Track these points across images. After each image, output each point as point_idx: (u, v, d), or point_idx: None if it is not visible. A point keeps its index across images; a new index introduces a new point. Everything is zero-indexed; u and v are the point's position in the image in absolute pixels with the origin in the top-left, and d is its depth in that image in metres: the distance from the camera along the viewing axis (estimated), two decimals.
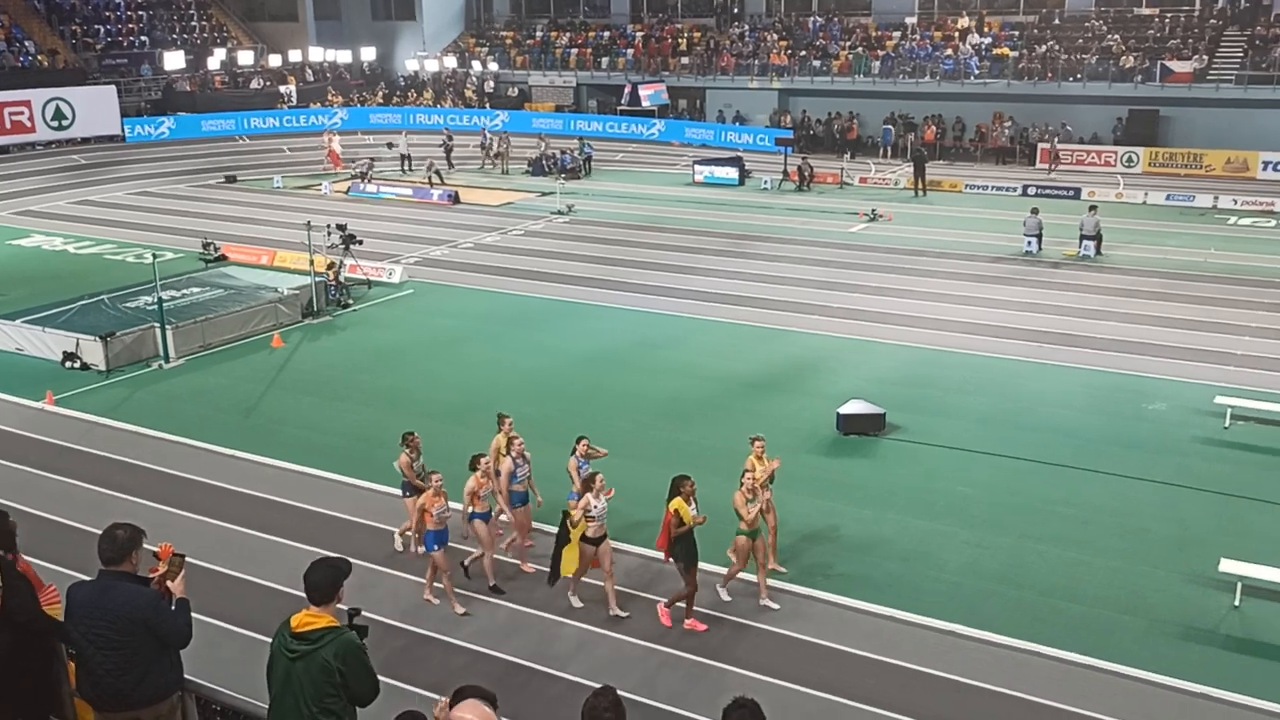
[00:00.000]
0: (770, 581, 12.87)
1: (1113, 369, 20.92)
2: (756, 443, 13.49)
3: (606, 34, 58.69)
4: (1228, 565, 12.96)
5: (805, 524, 14.50)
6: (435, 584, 12.89)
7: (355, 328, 24.56)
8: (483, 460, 13.08)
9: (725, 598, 12.81)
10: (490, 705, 5.92)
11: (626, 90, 53.47)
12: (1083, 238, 29.90)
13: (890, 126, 48.42)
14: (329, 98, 56.17)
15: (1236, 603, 12.73)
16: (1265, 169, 41.65)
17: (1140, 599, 12.91)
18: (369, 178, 41.29)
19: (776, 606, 12.64)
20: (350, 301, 25.94)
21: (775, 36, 54.28)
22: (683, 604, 12.27)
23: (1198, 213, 36.34)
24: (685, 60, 54.93)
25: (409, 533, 13.91)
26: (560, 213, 36.65)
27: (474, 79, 59.26)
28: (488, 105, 56.51)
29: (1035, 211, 30.83)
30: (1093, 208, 31.23)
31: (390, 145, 48.59)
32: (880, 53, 50.80)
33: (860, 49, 51.55)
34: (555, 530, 12.90)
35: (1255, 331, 23.00)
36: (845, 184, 42.07)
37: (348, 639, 6.58)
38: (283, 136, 51.44)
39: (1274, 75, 42.72)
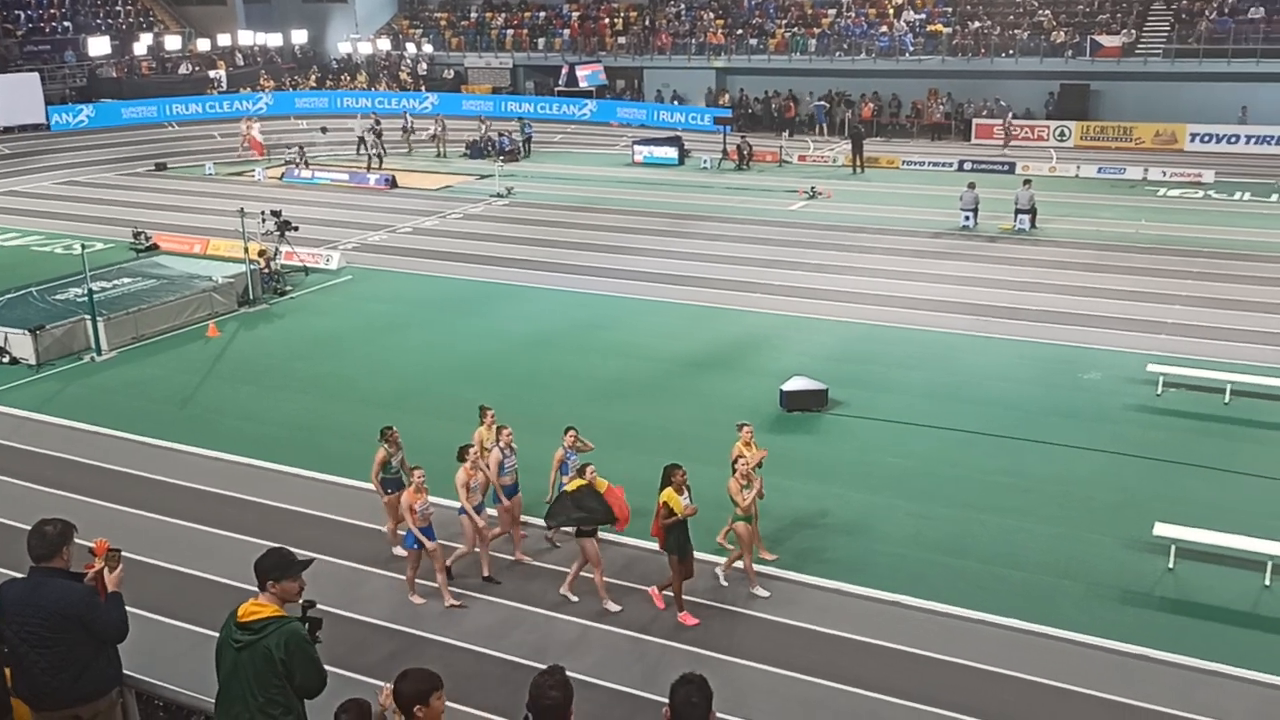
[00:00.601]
0: (737, 564, 12.79)
1: (1049, 340, 21.26)
2: (744, 429, 13.33)
3: (542, 14, 58.29)
4: (1162, 529, 13.25)
5: None
6: (425, 581, 12.51)
7: (292, 315, 24.22)
8: (470, 451, 12.80)
9: (723, 583, 12.71)
10: (439, 686, 5.92)
11: (564, 71, 53.18)
12: (1018, 211, 30.31)
13: (824, 103, 48.67)
14: (260, 82, 55.20)
15: (1171, 565, 13.02)
16: (1193, 141, 42.53)
17: (1079, 564, 13.16)
18: (304, 163, 40.68)
19: (766, 594, 12.50)
20: (288, 289, 25.57)
21: (711, 15, 54.27)
22: (679, 592, 12.06)
23: (1128, 185, 37.00)
24: (622, 40, 54.76)
25: (400, 531, 13.23)
26: (499, 195, 36.40)
27: (408, 61, 58.57)
28: (423, 88, 55.88)
29: (972, 186, 31.19)
30: (1027, 181, 31.67)
31: (324, 130, 47.96)
32: (816, 30, 51.01)
33: (796, 27, 51.72)
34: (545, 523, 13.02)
35: (1185, 300, 23.48)
36: (784, 162, 42.25)
37: (292, 628, 6.44)
38: (212, 123, 50.43)
39: (1200, 49, 43.56)
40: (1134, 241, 28.84)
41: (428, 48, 58.52)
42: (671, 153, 42.52)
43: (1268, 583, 12.57)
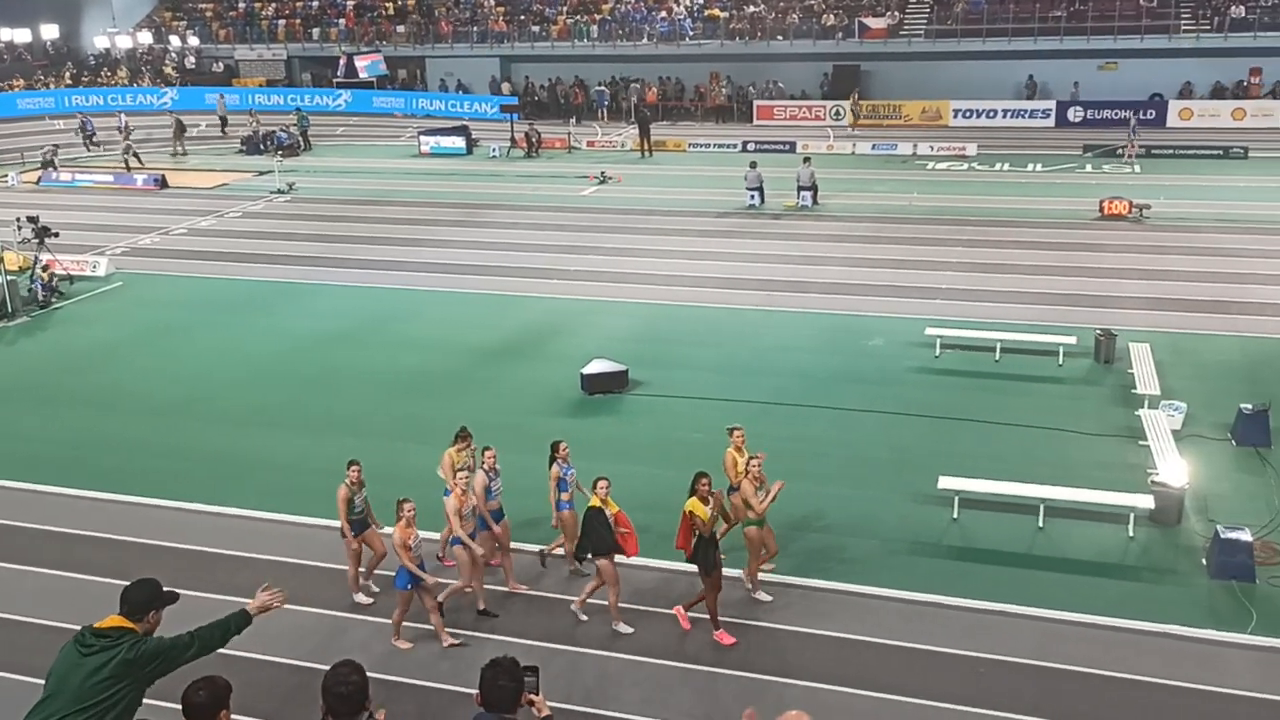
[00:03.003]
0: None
1: (835, 310, 22.09)
2: (736, 432, 12.81)
3: (316, 4, 56.36)
4: (945, 482, 13.99)
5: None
6: (405, 623, 11.46)
7: (59, 327, 22.64)
8: (460, 476, 11.74)
9: (765, 598, 12.07)
10: (226, 693, 5.72)
11: (341, 62, 51.62)
12: (800, 189, 31.34)
13: (604, 89, 49.04)
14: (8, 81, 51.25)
15: (955, 515, 13.75)
16: (956, 116, 45.00)
17: (871, 521, 13.72)
18: (55, 165, 38.08)
19: (769, 598, 12.08)
20: (52, 299, 23.88)
21: (493, 2, 53.76)
22: (714, 609, 11.41)
23: (900, 160, 38.86)
24: (401, 29, 53.58)
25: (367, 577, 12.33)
26: (281, 192, 35.06)
27: (173, 55, 55.60)
28: (188, 83, 53.23)
29: (754, 165, 32.06)
30: (807, 160, 32.76)
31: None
32: (598, 17, 51.29)
33: (578, 14, 51.86)
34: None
35: (956, 267, 24.83)
36: (574, 148, 42.36)
37: (145, 639, 6.38)
38: None
39: (957, 29, 46.17)
40: (908, 213, 30.29)
41: (193, 40, 55.68)
42: (459, 142, 42.00)
43: (1041, 524, 13.45)
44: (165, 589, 6.69)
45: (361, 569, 12.26)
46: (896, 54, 46.66)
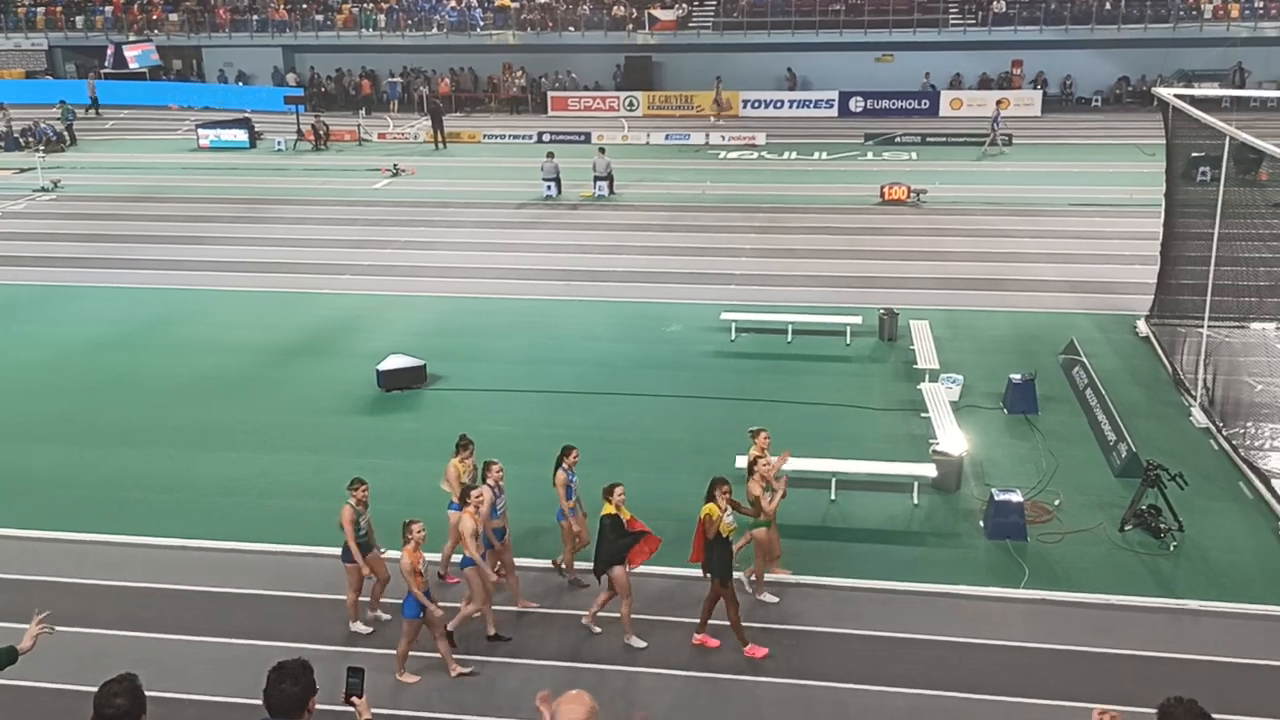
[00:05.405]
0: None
1: (634, 298, 22.32)
2: (761, 435, 12.32)
3: None
4: (743, 461, 14.15)
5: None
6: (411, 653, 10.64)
7: None
8: (473, 494, 10.97)
9: (771, 599, 11.84)
10: None
11: (109, 51, 48.71)
12: (596, 179, 31.53)
13: (396, 80, 48.08)
14: None
15: None
16: (745, 107, 46.25)
17: (670, 503, 13.72)
18: None
19: (775, 599, 11.86)
20: None
21: None
22: (737, 621, 10.95)
23: (694, 149, 39.61)
24: (175, 16, 50.94)
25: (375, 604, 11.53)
26: (45, 189, 32.80)
27: None
28: None
29: (551, 156, 32.05)
30: (602, 150, 33.00)
31: None
32: (385, 5, 50.13)
33: (365, 2, 50.55)
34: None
35: (749, 253, 25.50)
36: (364, 140, 41.35)
37: None
38: None
39: (743, 22, 47.42)
40: (702, 201, 30.90)
41: None
42: (241, 135, 40.30)
43: (834, 497, 13.96)
44: None
45: (363, 597, 11.47)
46: (686, 45, 47.56)
